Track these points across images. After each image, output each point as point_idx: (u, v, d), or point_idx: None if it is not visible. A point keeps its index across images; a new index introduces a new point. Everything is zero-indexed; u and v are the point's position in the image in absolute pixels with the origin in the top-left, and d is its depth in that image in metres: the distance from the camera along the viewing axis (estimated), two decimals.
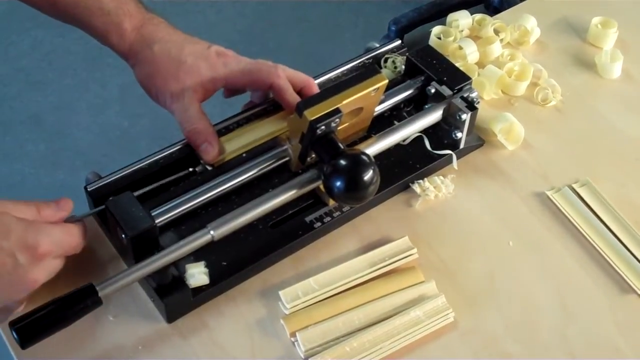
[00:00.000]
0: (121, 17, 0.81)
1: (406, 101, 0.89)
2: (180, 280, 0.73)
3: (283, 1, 2.31)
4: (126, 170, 0.79)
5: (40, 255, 0.65)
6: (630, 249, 0.82)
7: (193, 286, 0.74)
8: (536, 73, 0.98)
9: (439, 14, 1.97)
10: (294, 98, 0.82)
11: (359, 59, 0.94)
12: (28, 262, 0.64)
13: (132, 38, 0.81)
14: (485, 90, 0.95)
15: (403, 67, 0.92)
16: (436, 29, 1.02)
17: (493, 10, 1.99)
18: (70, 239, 0.69)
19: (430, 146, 0.87)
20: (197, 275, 0.74)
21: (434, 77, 0.87)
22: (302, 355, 0.72)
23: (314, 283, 0.76)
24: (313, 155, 0.80)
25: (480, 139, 0.91)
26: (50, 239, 0.66)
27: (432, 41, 1.01)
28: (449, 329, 0.75)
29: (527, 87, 0.97)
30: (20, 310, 0.68)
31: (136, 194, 0.74)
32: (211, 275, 0.75)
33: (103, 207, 0.73)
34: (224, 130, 0.84)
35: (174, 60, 0.80)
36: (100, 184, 0.78)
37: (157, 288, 0.73)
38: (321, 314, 0.75)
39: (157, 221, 0.72)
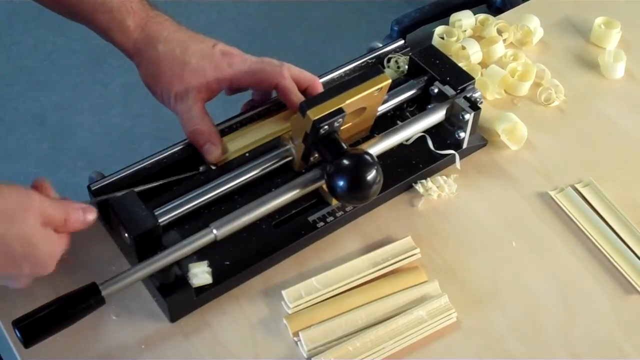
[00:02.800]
0: (124, 14, 0.80)
1: (409, 101, 0.89)
2: (183, 280, 0.73)
3: (285, 1, 2.31)
4: (129, 169, 0.79)
5: (43, 271, 0.68)
6: (634, 249, 0.81)
7: (196, 285, 0.74)
8: (539, 73, 0.98)
9: (441, 14, 1.97)
10: (299, 98, 0.81)
11: (362, 59, 0.94)
12: (28, 272, 0.67)
13: (136, 36, 0.81)
14: (488, 90, 0.95)
15: (406, 67, 0.92)
16: (439, 29, 1.02)
17: (496, 11, 1.99)
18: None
19: (433, 146, 0.87)
20: (200, 274, 0.74)
21: (437, 77, 0.87)
22: (305, 355, 0.72)
23: (316, 283, 0.76)
24: (316, 155, 0.80)
25: (483, 139, 0.91)
26: (55, 260, 0.68)
27: (435, 41, 1.01)
28: (452, 328, 0.75)
29: (530, 87, 0.97)
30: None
31: (138, 189, 0.75)
32: (214, 274, 0.75)
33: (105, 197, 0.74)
34: (227, 129, 0.84)
35: (178, 61, 0.80)
36: (104, 183, 0.78)
37: (160, 287, 0.73)
38: (324, 313, 0.75)
39: (160, 220, 0.72)
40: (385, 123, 0.87)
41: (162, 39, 0.81)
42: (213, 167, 0.81)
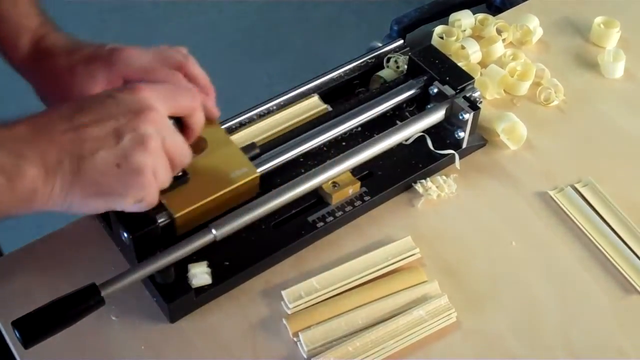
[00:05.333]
0: (21, 31, 0.76)
1: (409, 101, 0.89)
2: (183, 280, 0.73)
3: (286, 1, 2.31)
4: None
5: (147, 150, 0.62)
6: (634, 249, 0.81)
7: (196, 286, 0.74)
8: (539, 73, 0.98)
9: (441, 14, 1.97)
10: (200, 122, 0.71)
11: (362, 58, 0.94)
12: (130, 146, 0.61)
13: (27, 54, 0.76)
14: (487, 90, 0.95)
15: (405, 66, 0.92)
16: (438, 29, 1.02)
17: (495, 10, 1.99)
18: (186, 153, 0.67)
19: (433, 146, 0.87)
20: (200, 275, 0.74)
21: (437, 76, 0.87)
22: (304, 355, 0.72)
23: (316, 283, 0.76)
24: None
25: (482, 139, 0.91)
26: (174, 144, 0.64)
27: (435, 41, 1.01)
28: (452, 328, 0.75)
29: (529, 87, 0.97)
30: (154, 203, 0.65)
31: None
32: (214, 275, 0.75)
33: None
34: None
35: (66, 70, 0.73)
36: None
37: (160, 287, 0.73)
38: (324, 313, 0.75)
39: (159, 221, 0.72)
40: (385, 123, 0.87)
41: (50, 52, 0.75)
42: None
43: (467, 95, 0.85)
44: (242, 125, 0.85)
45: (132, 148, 0.61)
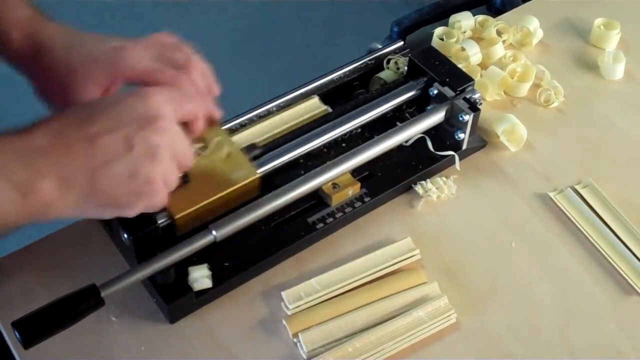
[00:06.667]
0: (10, 25, 0.72)
1: (409, 102, 0.89)
2: (183, 281, 0.73)
3: (286, 1, 2.31)
4: None
5: (157, 160, 0.62)
6: (633, 250, 0.82)
7: (196, 289, 0.74)
8: (539, 74, 0.98)
9: (441, 15, 1.97)
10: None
11: (362, 60, 0.94)
12: (142, 157, 0.62)
13: (22, 47, 0.72)
14: (487, 92, 0.95)
15: (405, 68, 0.92)
16: (439, 30, 1.02)
17: (495, 12, 1.99)
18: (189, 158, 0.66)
19: (433, 147, 0.87)
20: (201, 279, 0.74)
21: (437, 78, 0.87)
22: (304, 356, 0.72)
23: (316, 284, 0.76)
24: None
25: (482, 140, 0.91)
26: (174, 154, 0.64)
27: (435, 42, 1.01)
28: (452, 329, 0.75)
29: (529, 89, 0.97)
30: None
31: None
32: (214, 276, 0.75)
33: None
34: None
35: (64, 68, 0.71)
36: None
37: (160, 288, 0.73)
38: (324, 314, 0.75)
39: (159, 222, 0.72)
40: (385, 124, 0.87)
41: (47, 46, 0.72)
42: None
43: (467, 96, 0.85)
44: (242, 127, 0.85)
45: (143, 159, 0.62)
